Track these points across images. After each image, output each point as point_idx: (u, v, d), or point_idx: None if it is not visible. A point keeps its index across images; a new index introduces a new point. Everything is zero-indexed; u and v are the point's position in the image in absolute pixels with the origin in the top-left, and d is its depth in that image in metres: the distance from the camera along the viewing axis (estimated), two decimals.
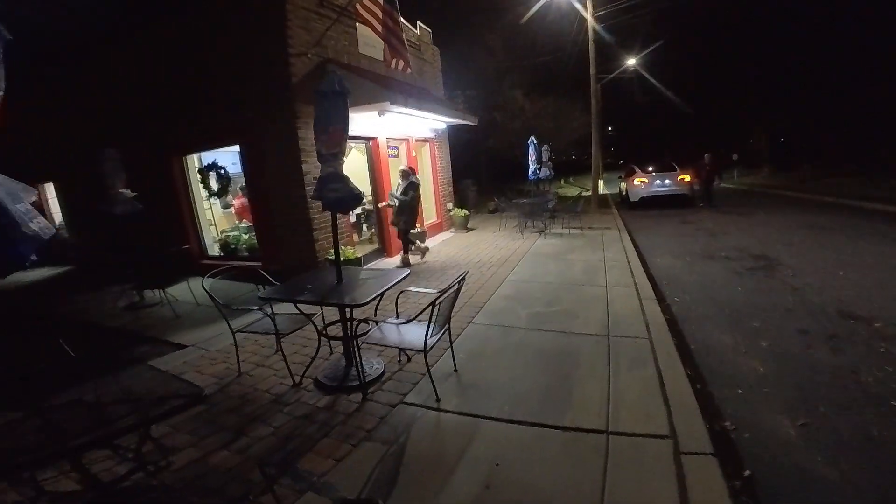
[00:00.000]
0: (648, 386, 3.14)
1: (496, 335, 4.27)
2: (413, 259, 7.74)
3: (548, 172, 14.01)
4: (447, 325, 3.39)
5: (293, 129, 6.23)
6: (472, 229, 11.10)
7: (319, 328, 3.67)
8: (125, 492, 2.18)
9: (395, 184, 7.51)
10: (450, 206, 11.37)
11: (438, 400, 3.08)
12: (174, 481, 2.35)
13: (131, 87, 8.09)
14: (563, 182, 20.46)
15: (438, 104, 9.66)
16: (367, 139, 7.95)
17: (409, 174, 7.27)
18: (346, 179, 3.62)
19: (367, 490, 2.26)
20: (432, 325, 3.02)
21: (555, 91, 21.26)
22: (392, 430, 2.79)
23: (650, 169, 14.64)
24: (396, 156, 8.93)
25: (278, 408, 3.16)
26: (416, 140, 9.76)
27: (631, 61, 20.38)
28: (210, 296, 3.62)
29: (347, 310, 3.44)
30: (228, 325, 3.72)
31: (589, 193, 15.35)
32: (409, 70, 6.42)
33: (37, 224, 1.66)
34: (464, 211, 11.27)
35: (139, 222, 6.45)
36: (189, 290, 6.14)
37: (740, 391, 3.26)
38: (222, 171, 7.78)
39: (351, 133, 7.08)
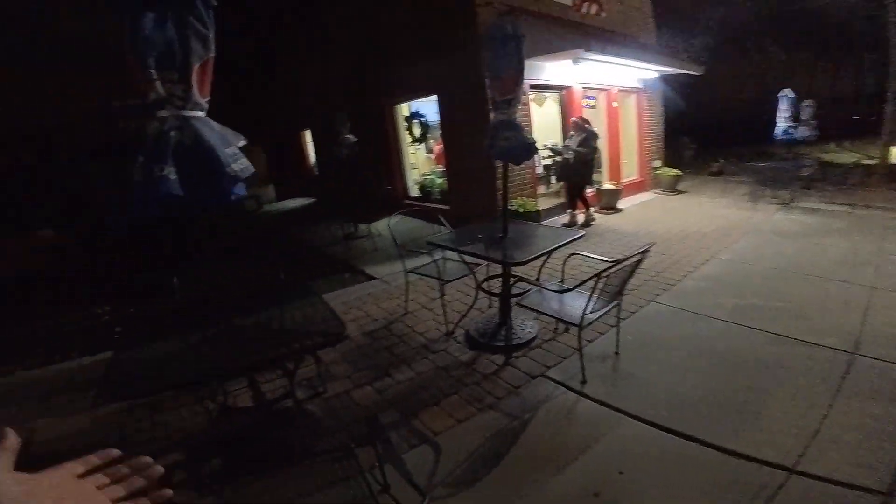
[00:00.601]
0: (887, 429, 2.17)
1: (681, 322, 3.53)
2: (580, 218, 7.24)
3: (808, 133, 11.25)
4: (617, 302, 2.92)
5: (480, 77, 6.11)
6: (682, 192, 9.41)
7: (479, 281, 3.66)
8: (281, 413, 2.60)
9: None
10: (657, 163, 9.81)
11: (584, 382, 2.74)
12: (321, 409, 2.68)
13: (352, 46, 9.30)
14: (832, 146, 15.08)
15: (644, 51, 8.19)
16: (561, 88, 7.42)
17: (583, 125, 6.65)
18: (518, 128, 3.35)
19: (467, 462, 2.16)
20: (594, 298, 2.63)
21: (818, 38, 15.72)
22: (521, 403, 2.61)
23: None
24: (594, 106, 8.06)
25: (425, 353, 3.30)
26: (619, 90, 8.58)
27: None
28: (392, 236, 3.99)
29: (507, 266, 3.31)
30: (403, 265, 4.04)
31: (874, 162, 11.06)
32: (602, 13, 5.53)
33: (238, 165, 1.94)
34: (674, 171, 9.57)
35: (357, 163, 7.54)
36: (388, 227, 6.99)
37: None
38: (423, 119, 8.40)
39: (543, 82, 6.83)
